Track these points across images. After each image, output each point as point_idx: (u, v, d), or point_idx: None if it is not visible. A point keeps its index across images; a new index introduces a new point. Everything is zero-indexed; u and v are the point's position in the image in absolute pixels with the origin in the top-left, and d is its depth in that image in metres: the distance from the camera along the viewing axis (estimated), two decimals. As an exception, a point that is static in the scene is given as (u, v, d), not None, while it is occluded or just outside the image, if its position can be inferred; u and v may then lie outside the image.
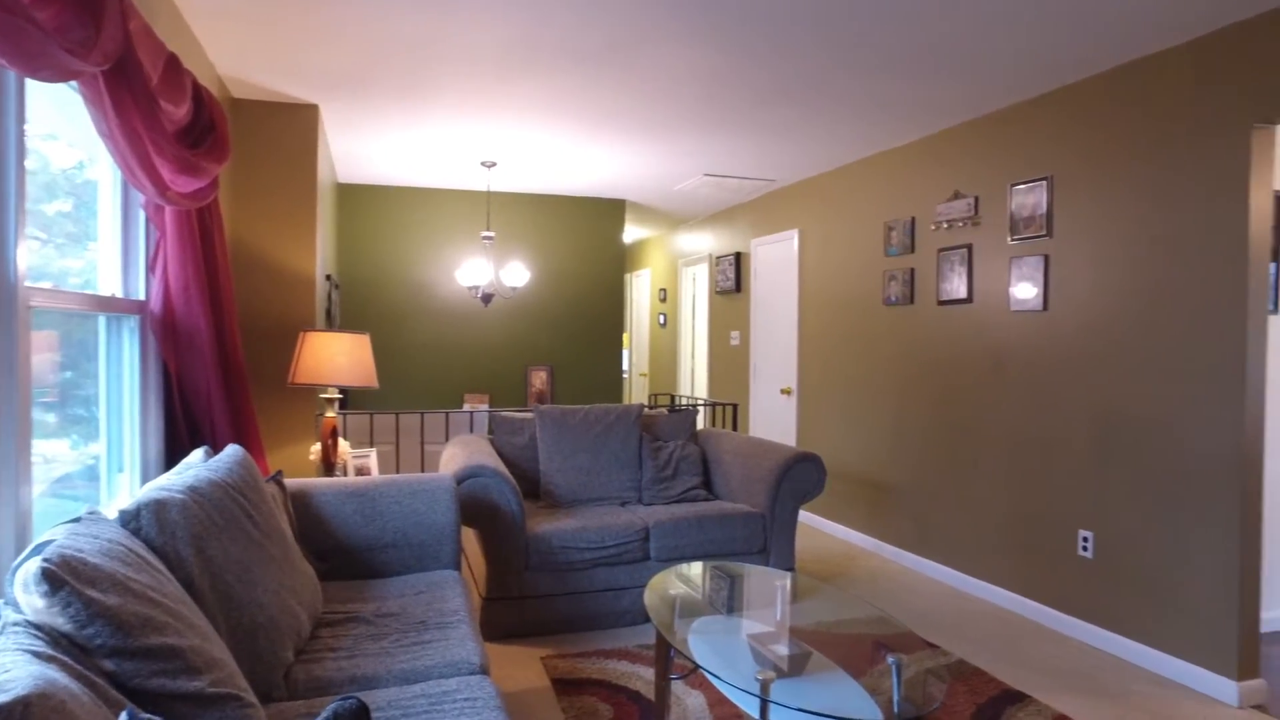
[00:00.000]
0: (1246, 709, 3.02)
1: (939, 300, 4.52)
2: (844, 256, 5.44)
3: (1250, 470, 3.04)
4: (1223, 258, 3.07)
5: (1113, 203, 3.51)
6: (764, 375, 6.50)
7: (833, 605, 4.03)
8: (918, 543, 4.71)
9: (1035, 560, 3.90)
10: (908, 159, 4.82)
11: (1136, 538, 3.40)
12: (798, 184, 6.01)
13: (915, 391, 4.73)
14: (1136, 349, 3.40)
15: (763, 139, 4.83)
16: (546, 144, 5.04)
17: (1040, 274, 3.85)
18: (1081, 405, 3.65)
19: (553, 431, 4.21)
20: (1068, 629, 3.70)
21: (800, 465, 3.95)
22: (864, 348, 5.20)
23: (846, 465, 5.37)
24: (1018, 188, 3.98)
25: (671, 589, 2.84)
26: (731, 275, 6.99)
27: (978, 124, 4.28)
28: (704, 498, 4.20)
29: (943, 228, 4.49)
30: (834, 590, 3.23)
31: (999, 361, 4.12)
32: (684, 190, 6.38)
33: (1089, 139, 3.63)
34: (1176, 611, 3.24)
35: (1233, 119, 3.04)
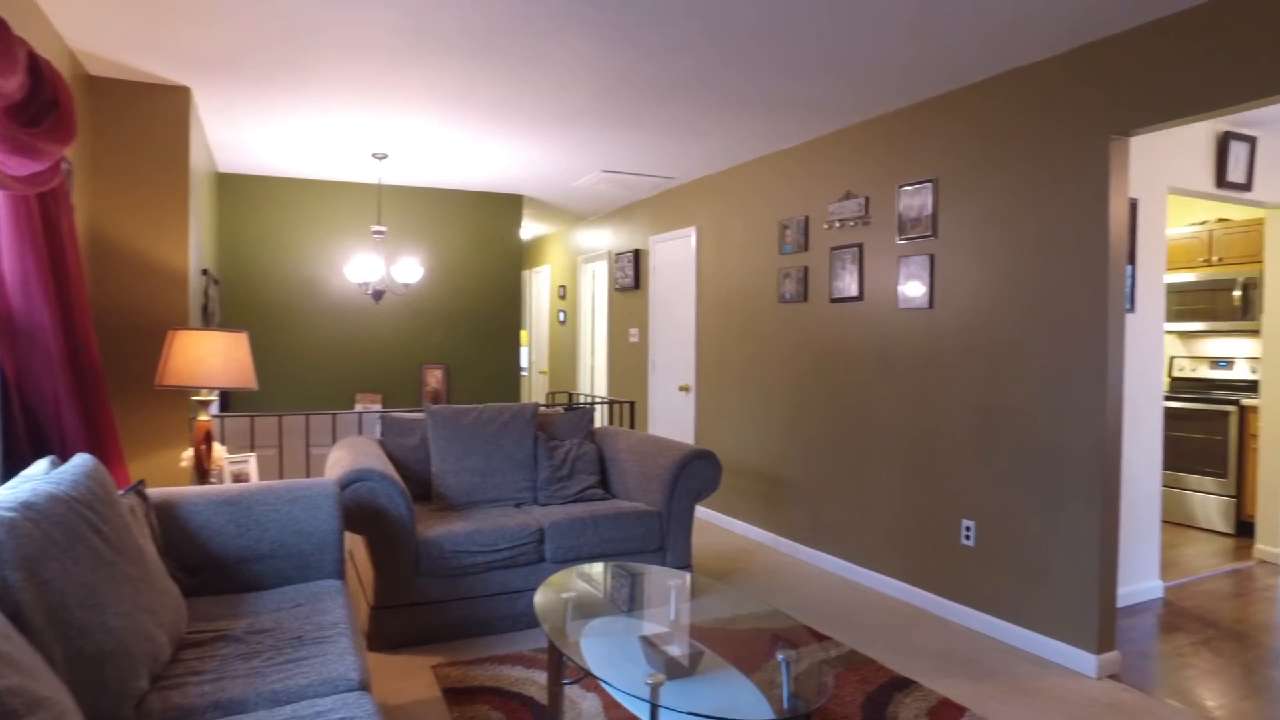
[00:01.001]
0: (1103, 679, 3.22)
1: (832, 298, 4.63)
2: (740, 254, 5.50)
3: (1110, 458, 3.23)
4: (1087, 260, 3.25)
5: (992, 205, 3.67)
6: (663, 372, 6.52)
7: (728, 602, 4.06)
8: (812, 536, 4.81)
9: (922, 550, 4.04)
10: (802, 159, 4.91)
11: (1013, 525, 3.57)
12: (695, 182, 6.05)
13: (809, 387, 4.83)
14: (1013, 345, 3.57)
15: (660, 136, 4.82)
16: (440, 136, 4.89)
17: (926, 273, 3.98)
18: (964, 400, 3.81)
19: (445, 432, 4.08)
20: (952, 615, 3.85)
21: (696, 463, 3.96)
22: (760, 345, 5.28)
23: (743, 461, 5.45)
24: (905, 189, 4.11)
25: (564, 591, 2.79)
26: (630, 272, 6.98)
27: (868, 126, 4.39)
28: (600, 497, 4.17)
29: (835, 227, 4.60)
30: (728, 588, 3.25)
31: (888, 358, 4.25)
32: (582, 186, 6.33)
33: (971, 143, 3.78)
34: (1047, 593, 3.42)
35: (1095, 129, 3.22)
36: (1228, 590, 4.38)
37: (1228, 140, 4.41)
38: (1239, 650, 3.56)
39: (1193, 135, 4.32)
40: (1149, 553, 4.22)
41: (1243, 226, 5.67)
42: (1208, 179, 4.40)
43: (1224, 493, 5.53)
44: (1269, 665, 3.40)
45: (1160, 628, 3.82)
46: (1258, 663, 3.44)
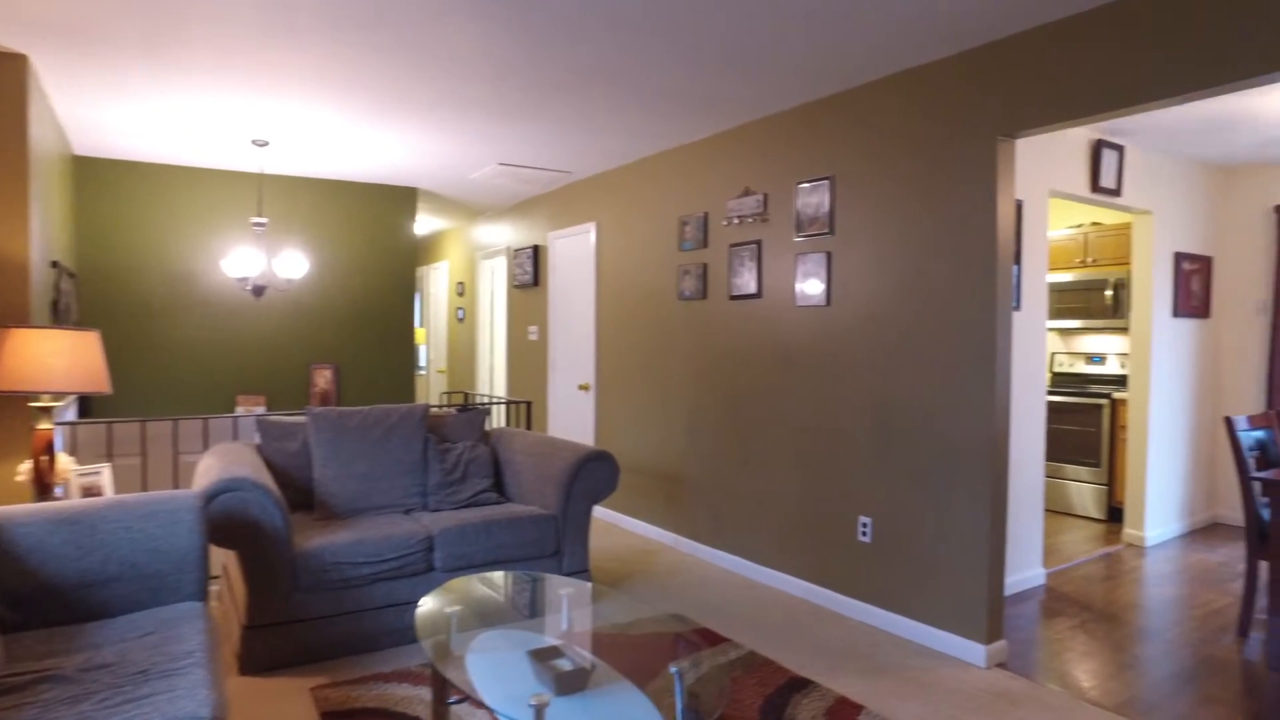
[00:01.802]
0: (991, 668, 3.30)
1: (731, 295, 4.61)
2: (640, 251, 5.43)
3: (999, 452, 3.31)
4: (977, 258, 3.31)
5: (887, 204, 3.70)
6: (562, 370, 6.39)
7: (625, 607, 3.97)
8: (713, 535, 4.78)
9: (821, 547, 4.06)
10: (701, 155, 4.87)
11: (908, 521, 3.62)
12: (595, 177, 5.94)
13: (709, 385, 4.80)
14: (907, 342, 3.61)
15: (558, 129, 4.69)
16: (327, 123, 4.61)
17: (824, 270, 4.00)
18: (861, 397, 3.84)
19: (328, 435, 3.84)
20: (850, 611, 3.88)
21: (592, 464, 3.86)
22: (660, 342, 5.22)
23: (644, 460, 5.38)
24: (803, 186, 4.12)
25: (450, 604, 2.64)
26: (529, 269, 6.81)
27: (767, 123, 4.39)
28: (495, 501, 4.01)
29: (734, 223, 4.58)
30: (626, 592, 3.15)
31: (787, 356, 4.25)
32: (479, 180, 6.12)
33: (866, 142, 3.81)
34: (939, 586, 3.48)
35: (984, 131, 3.29)
36: (1101, 574, 4.60)
37: (1100, 148, 4.62)
38: (1110, 631, 3.72)
39: (1070, 142, 4.50)
40: (1033, 542, 4.38)
41: (1113, 230, 5.98)
42: (1083, 184, 4.59)
43: (1097, 481, 5.82)
44: (1135, 643, 3.57)
45: (1043, 614, 3.96)
46: (1126, 641, 3.60)
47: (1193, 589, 4.36)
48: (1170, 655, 3.46)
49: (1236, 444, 3.70)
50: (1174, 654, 3.47)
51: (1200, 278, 5.60)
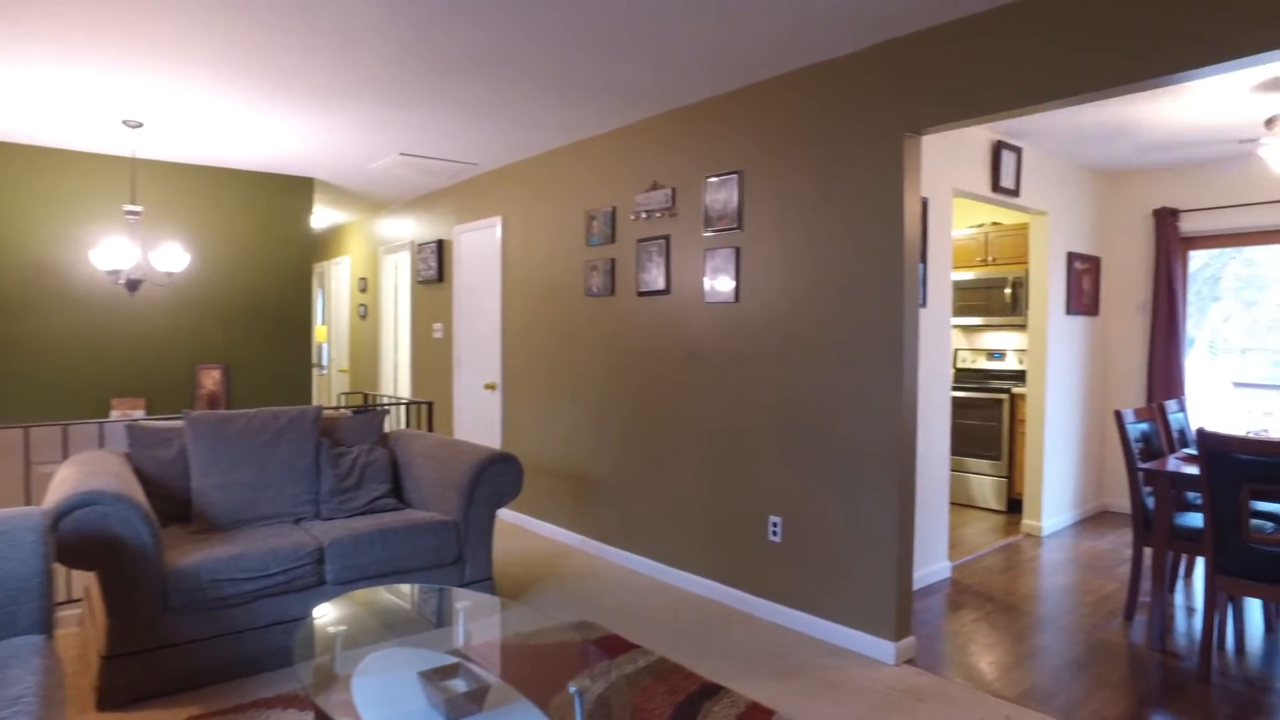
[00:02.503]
0: (900, 665, 3.30)
1: (639, 291, 4.51)
2: (547, 246, 5.28)
3: (907, 448, 3.31)
4: (885, 255, 3.30)
5: (795, 199, 3.67)
6: (468, 369, 6.17)
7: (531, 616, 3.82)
8: (622, 536, 4.68)
9: (731, 547, 4.01)
10: (609, 147, 4.76)
11: (817, 519, 3.59)
12: (501, 169, 5.75)
13: (618, 384, 4.69)
14: (816, 339, 3.58)
15: (461, 118, 4.49)
16: (208, 105, 4.28)
17: (732, 266, 3.94)
18: (770, 394, 3.79)
19: (207, 442, 3.55)
20: (761, 612, 3.83)
21: (495, 467, 3.69)
22: (567, 340, 5.08)
23: (551, 460, 5.23)
24: (712, 180, 4.05)
25: (335, 621, 2.44)
26: (434, 264, 6.56)
27: (675, 116, 4.30)
28: (393, 507, 3.80)
29: (642, 218, 4.48)
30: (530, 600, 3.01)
31: (695, 353, 4.18)
32: (379, 170, 5.84)
33: (775, 136, 3.76)
34: (849, 585, 3.46)
35: (890, 126, 3.28)
36: (1002, 565, 4.71)
37: (1000, 149, 4.73)
38: (1011, 621, 3.80)
39: (973, 143, 4.58)
40: (939, 536, 4.44)
41: (1011, 230, 6.16)
42: (985, 184, 4.69)
43: (997, 474, 5.99)
44: (1034, 632, 3.64)
45: (948, 607, 4.01)
46: (1025, 630, 3.68)
47: (1084, 576, 4.50)
48: (1065, 642, 3.54)
49: (1125, 437, 3.83)
50: (1069, 640, 3.56)
51: (1090, 277, 5.83)
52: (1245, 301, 5.94)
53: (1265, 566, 3.06)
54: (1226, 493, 3.10)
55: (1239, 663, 3.39)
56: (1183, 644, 3.56)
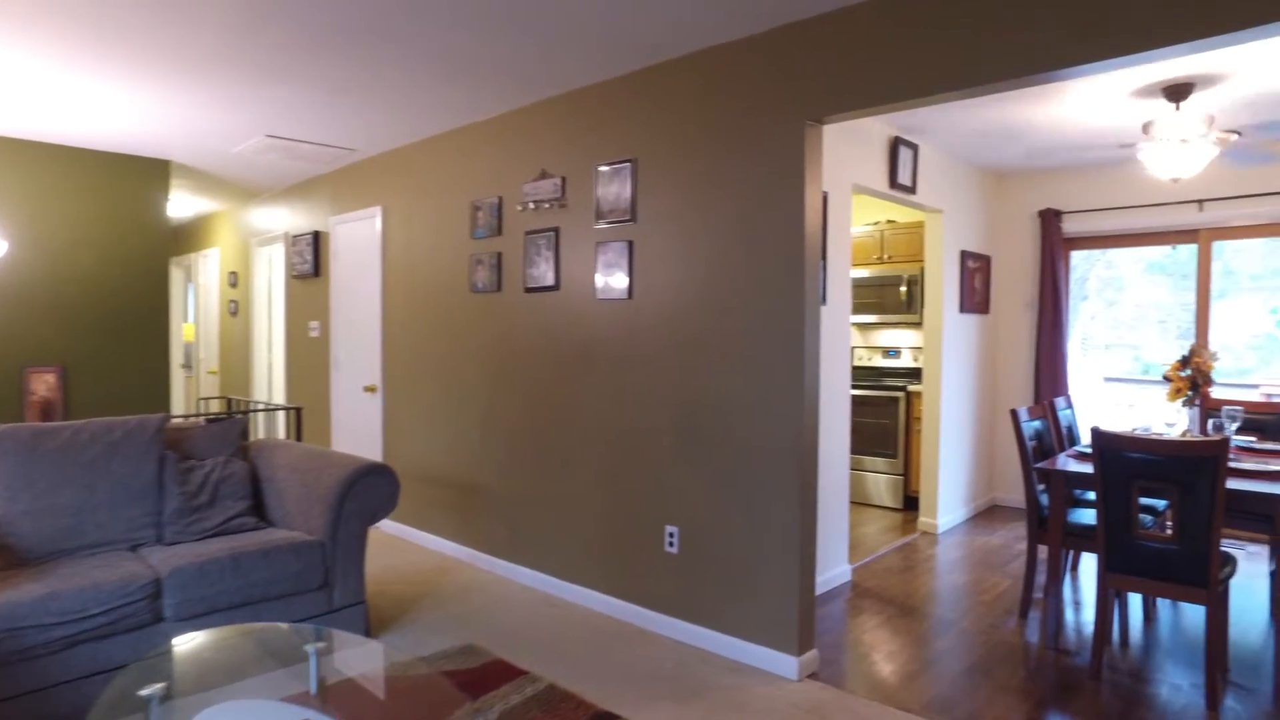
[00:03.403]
0: (804, 680, 3.15)
1: (527, 287, 4.22)
2: (430, 238, 4.92)
3: (808, 451, 3.16)
4: (785, 250, 3.14)
5: (692, 190, 3.47)
6: (347, 371, 5.73)
7: (410, 640, 3.50)
8: (512, 549, 4.39)
9: (626, 559, 3.78)
10: (495, 133, 4.45)
11: (715, 528, 3.41)
12: (381, 156, 5.34)
13: (506, 386, 4.39)
14: (713, 338, 3.39)
15: (333, 98, 4.09)
16: (28, 70, 3.73)
17: (625, 260, 3.71)
18: (665, 396, 3.59)
19: (17, 461, 3.06)
20: (659, 628, 3.62)
21: (367, 479, 3.35)
22: (452, 339, 4.75)
23: (437, 468, 4.88)
24: (604, 170, 3.81)
25: (156, 673, 2.08)
26: (309, 257, 6.07)
27: (565, 100, 4.04)
28: (251, 527, 3.39)
29: (530, 209, 4.20)
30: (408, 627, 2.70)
31: (587, 353, 3.93)
32: (245, 154, 5.33)
33: (670, 123, 3.55)
34: (750, 597, 3.29)
35: (791, 114, 3.11)
36: (900, 565, 4.67)
37: (898, 145, 4.68)
38: (912, 625, 3.72)
39: (872, 138, 4.51)
40: (839, 539, 4.35)
41: (906, 228, 6.19)
42: (883, 180, 4.63)
43: (894, 472, 6.00)
44: (935, 636, 3.58)
45: (849, 612, 3.91)
46: (926, 634, 3.60)
47: (979, 573, 4.51)
48: (965, 645, 3.48)
49: (1020, 435, 3.81)
50: (968, 644, 3.50)
51: (982, 276, 5.91)
52: (1106, 301, 6.20)
53: (1154, 562, 3.06)
54: (1118, 490, 3.08)
55: (1124, 655, 3.41)
56: (1073, 640, 3.56)
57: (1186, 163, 3.90)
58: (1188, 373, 3.64)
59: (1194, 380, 3.62)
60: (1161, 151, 3.94)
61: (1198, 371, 3.63)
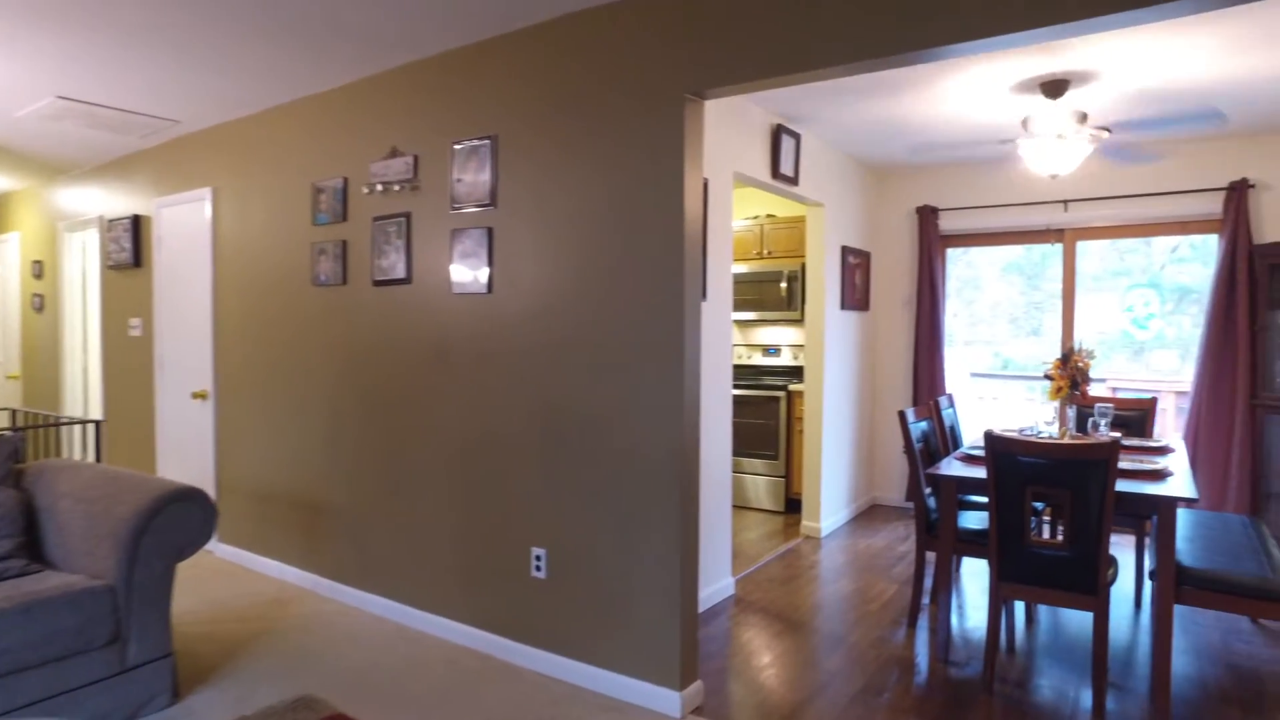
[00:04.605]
0: (687, 717, 2.84)
1: (375, 280, 3.74)
2: (267, 224, 4.33)
3: (689, 460, 2.85)
4: (663, 238, 2.82)
5: (559, 171, 3.09)
6: (173, 374, 5.02)
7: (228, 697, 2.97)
8: (362, 575, 3.88)
9: (489, 586, 3.37)
10: (339, 106, 3.92)
11: (587, 549, 3.05)
12: (209, 130, 4.68)
13: (352, 391, 3.88)
14: (584, 337, 3.03)
15: (144, 55, 3.46)
16: None
17: (485, 250, 3.29)
18: (531, 401, 3.20)
19: None
20: (526, 661, 3.23)
21: (174, 508, 2.79)
22: (294, 338, 4.18)
23: (278, 484, 4.30)
24: (460, 148, 3.38)
25: None
26: (129, 245, 5.30)
27: (417, 69, 3.57)
28: (18, 572, 2.77)
29: (378, 191, 3.71)
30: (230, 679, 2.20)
31: (443, 353, 3.49)
32: (33, 120, 4.54)
33: (534, 96, 3.16)
34: (627, 626, 2.95)
35: (669, 88, 2.79)
36: (784, 574, 4.46)
37: (780, 133, 4.46)
38: (800, 643, 3.50)
39: (753, 124, 4.27)
40: (722, 549, 4.09)
41: (786, 223, 6.04)
42: (765, 169, 4.40)
43: (775, 474, 5.84)
44: (825, 654, 3.36)
45: (734, 631, 3.64)
46: (815, 653, 3.39)
47: (865, 580, 4.36)
48: (856, 663, 3.28)
49: (909, 438, 3.66)
50: (859, 661, 3.30)
51: (862, 272, 5.82)
52: (966, 300, 6.31)
53: (1046, 570, 2.93)
54: (1011, 496, 2.94)
55: (1011, 662, 3.30)
56: (962, 650, 3.43)
57: (1063, 159, 3.86)
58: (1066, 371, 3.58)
59: (1073, 378, 3.56)
60: (1039, 147, 3.88)
61: (1076, 370, 3.58)
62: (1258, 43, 3.30)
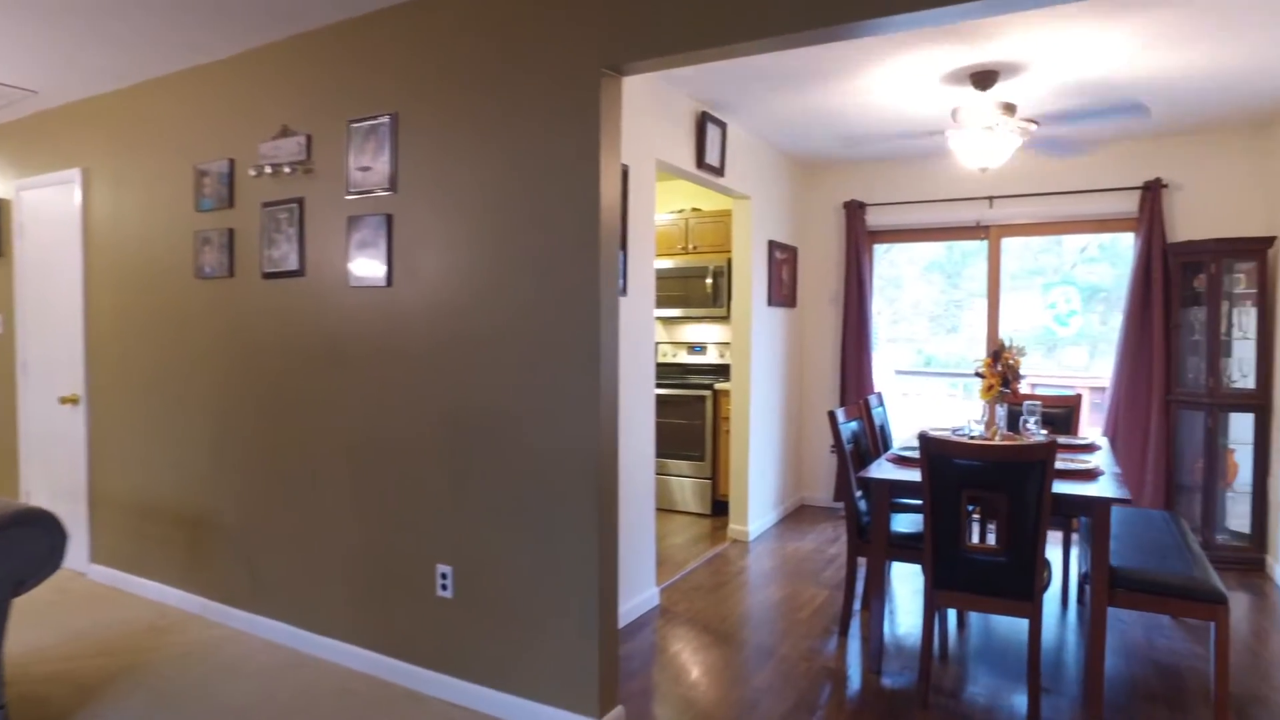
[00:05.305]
0: (611, 744, 2.63)
1: (265, 272, 3.39)
2: (145, 210, 3.91)
3: (607, 467, 2.62)
4: (578, 227, 2.58)
5: (465, 154, 2.82)
6: (39, 377, 4.52)
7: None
8: (252, 596, 3.53)
9: (391, 606, 3.07)
10: (222, 81, 3.55)
11: (498, 566, 2.79)
12: (77, 104, 4.22)
13: (241, 393, 3.52)
14: (493, 334, 2.77)
15: (-26, 8, 3.03)
16: None
17: (384, 239, 2.99)
18: (436, 405, 2.92)
19: None
20: (432, 688, 2.95)
21: (11, 534, 2.41)
22: (176, 336, 3.78)
23: (159, 497, 3.89)
24: (358, 126, 3.07)
25: None
26: (-12, 232, 4.76)
27: (308, 41, 3.24)
28: None
29: (268, 174, 3.36)
30: None
31: (340, 354, 3.17)
32: (-127, 90, 4.00)
33: (436, 73, 2.88)
34: (540, 648, 2.70)
35: (584, 61, 2.55)
36: (711, 581, 4.29)
37: (705, 121, 4.28)
38: (729, 658, 3.31)
39: (678, 111, 4.07)
40: (646, 559, 3.88)
41: (712, 216, 5.87)
42: (689, 158, 4.21)
43: (701, 475, 5.67)
44: (754, 670, 3.18)
45: (659, 647, 3.44)
46: (745, 668, 3.21)
47: (794, 585, 4.21)
48: (787, 679, 3.11)
49: (840, 440, 3.51)
50: (790, 676, 3.13)
51: (789, 267, 5.70)
52: (888, 298, 6.30)
53: (982, 576, 2.82)
54: (947, 500, 2.81)
55: (945, 670, 3.20)
56: (895, 660, 3.30)
57: (993, 151, 3.79)
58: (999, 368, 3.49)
59: (1005, 377, 3.47)
60: (969, 139, 3.80)
61: (1007, 368, 3.49)
62: (1175, 40, 3.28)
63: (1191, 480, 4.77)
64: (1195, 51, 3.42)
